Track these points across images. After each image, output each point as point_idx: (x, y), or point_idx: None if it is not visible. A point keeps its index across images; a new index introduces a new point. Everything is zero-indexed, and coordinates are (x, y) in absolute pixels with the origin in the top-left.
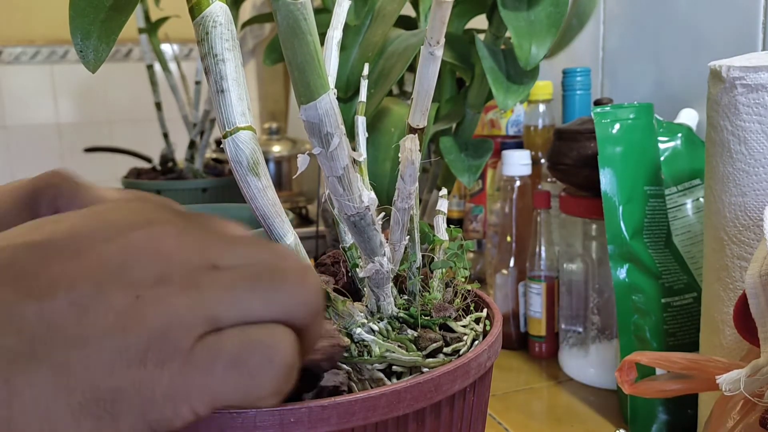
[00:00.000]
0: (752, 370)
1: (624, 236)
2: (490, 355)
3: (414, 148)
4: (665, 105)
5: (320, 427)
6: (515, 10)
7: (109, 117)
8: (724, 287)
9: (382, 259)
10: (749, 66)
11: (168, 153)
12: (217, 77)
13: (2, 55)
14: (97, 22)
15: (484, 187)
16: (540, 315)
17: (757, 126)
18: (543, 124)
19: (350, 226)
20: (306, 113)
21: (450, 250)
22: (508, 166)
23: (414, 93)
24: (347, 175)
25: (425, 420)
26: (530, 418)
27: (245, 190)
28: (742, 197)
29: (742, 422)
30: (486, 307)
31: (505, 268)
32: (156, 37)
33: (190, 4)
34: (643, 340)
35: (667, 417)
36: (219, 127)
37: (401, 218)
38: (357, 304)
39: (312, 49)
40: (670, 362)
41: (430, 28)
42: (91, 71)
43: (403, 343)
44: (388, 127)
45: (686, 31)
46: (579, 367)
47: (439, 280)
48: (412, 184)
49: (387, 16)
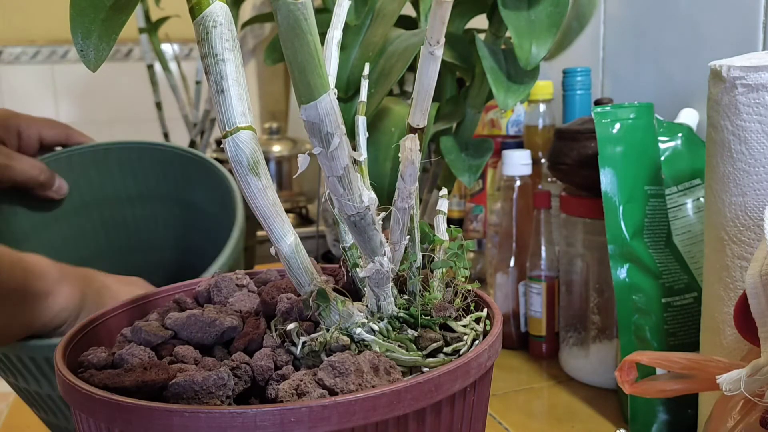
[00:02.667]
0: (752, 370)
1: (624, 236)
2: (490, 355)
3: (414, 148)
4: (666, 105)
5: (321, 427)
6: (516, 10)
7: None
8: (724, 287)
9: (382, 258)
10: (749, 66)
11: None
12: (218, 77)
13: (3, 55)
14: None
15: (484, 186)
16: (540, 315)
17: (757, 126)
18: (543, 124)
19: (350, 226)
20: (306, 113)
21: (450, 250)
22: (508, 166)
23: (414, 93)
24: (347, 175)
25: (425, 420)
26: (530, 418)
27: (245, 189)
28: (743, 197)
29: (743, 422)
30: (486, 307)
31: (505, 268)
32: (156, 36)
33: (191, 4)
34: (644, 340)
35: (668, 417)
36: (219, 126)
37: (401, 218)
38: (357, 304)
39: (312, 49)
40: (670, 362)
41: (431, 27)
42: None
43: (403, 342)
44: (388, 127)
45: (687, 31)
46: (579, 367)
47: (440, 279)
48: (412, 184)
49: (387, 16)
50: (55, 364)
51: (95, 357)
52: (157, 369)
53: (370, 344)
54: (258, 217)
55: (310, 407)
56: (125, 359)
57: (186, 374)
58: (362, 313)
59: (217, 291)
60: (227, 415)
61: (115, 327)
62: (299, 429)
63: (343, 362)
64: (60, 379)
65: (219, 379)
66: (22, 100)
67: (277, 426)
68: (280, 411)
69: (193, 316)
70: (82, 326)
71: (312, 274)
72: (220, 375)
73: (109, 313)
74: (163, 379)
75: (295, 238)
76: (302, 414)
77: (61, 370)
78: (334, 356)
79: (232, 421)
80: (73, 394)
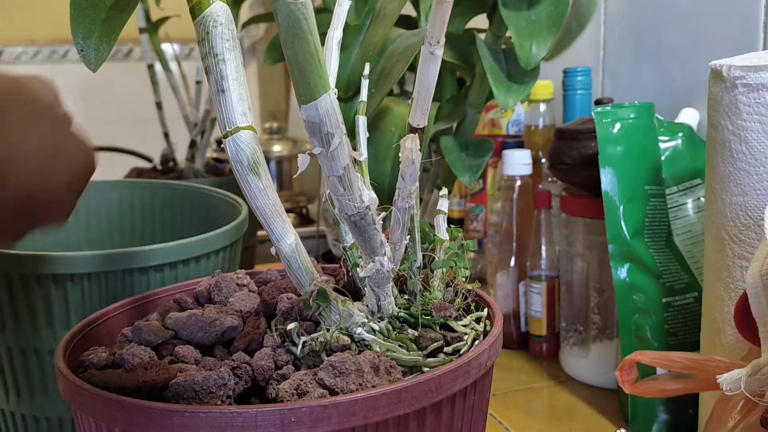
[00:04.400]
0: (753, 370)
1: (625, 236)
2: (490, 355)
3: (414, 148)
4: (666, 104)
5: (321, 427)
6: (516, 10)
7: (109, 116)
8: (724, 287)
9: (382, 258)
10: (750, 65)
11: (169, 153)
12: (218, 77)
13: (3, 54)
14: (98, 22)
15: (484, 186)
16: (541, 314)
17: (757, 125)
18: (544, 124)
19: (351, 226)
20: (307, 113)
21: (450, 250)
22: (508, 166)
23: (414, 92)
24: (348, 175)
25: (426, 419)
26: (531, 418)
27: (246, 189)
28: (743, 197)
29: (743, 422)
30: (486, 307)
31: (505, 268)
32: (157, 36)
33: (191, 3)
34: (644, 340)
35: (668, 416)
36: (220, 126)
37: (402, 218)
38: (357, 304)
39: (312, 49)
40: (670, 362)
41: (431, 27)
42: (92, 70)
43: (403, 342)
44: (388, 127)
45: (687, 31)
46: (579, 367)
47: (440, 279)
48: (412, 184)
49: (387, 16)
50: (56, 364)
51: (96, 357)
52: (158, 369)
53: (370, 344)
54: (258, 217)
55: (311, 407)
56: (126, 359)
57: (186, 374)
58: (362, 313)
59: (217, 291)
60: (227, 414)
61: (116, 327)
62: (300, 429)
63: (343, 362)
64: (60, 378)
65: (219, 379)
66: None
67: (278, 426)
68: (280, 411)
69: (193, 315)
70: (82, 326)
71: (312, 273)
72: (220, 375)
73: (109, 312)
74: (163, 378)
75: (296, 238)
76: (303, 414)
77: (62, 370)
78: (334, 356)
79: (232, 421)
80: (73, 393)
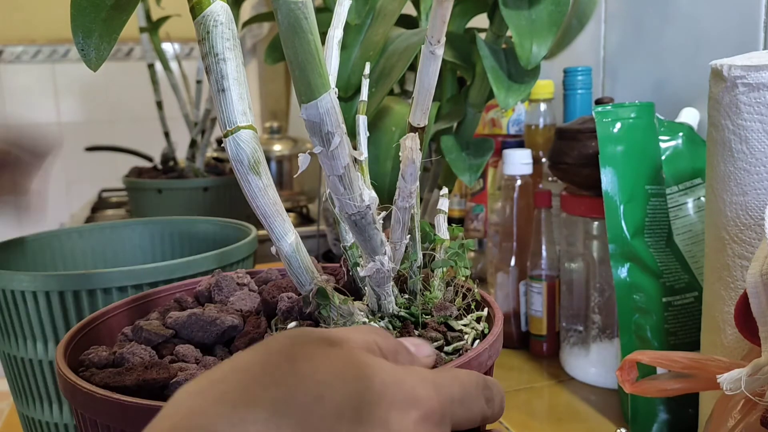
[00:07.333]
0: (753, 369)
1: (625, 235)
2: (491, 354)
3: (415, 147)
4: (666, 104)
5: None
6: (516, 9)
7: (110, 116)
8: (725, 286)
9: (382, 258)
10: (750, 65)
11: (169, 152)
12: (218, 76)
13: (4, 54)
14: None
15: (485, 186)
16: (541, 314)
17: (758, 125)
18: (544, 123)
19: (351, 225)
20: (307, 112)
21: (451, 249)
22: (509, 166)
23: (415, 92)
24: (348, 174)
25: None
26: (531, 417)
27: (246, 189)
28: (743, 196)
29: (743, 421)
30: (487, 306)
31: (506, 267)
32: (157, 36)
33: (191, 3)
34: (644, 340)
35: (668, 416)
36: (220, 126)
37: (402, 217)
38: (358, 303)
39: (313, 48)
40: (671, 361)
41: (431, 27)
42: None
43: None
44: (389, 126)
45: (687, 30)
46: (580, 366)
47: (440, 279)
48: (413, 183)
49: (388, 15)
50: (56, 363)
51: (96, 356)
52: (158, 368)
53: None
54: (259, 216)
55: None
56: (126, 358)
57: (187, 373)
58: (363, 312)
59: (217, 290)
60: None
61: (116, 326)
62: None
63: None
64: (61, 378)
65: None
66: (23, 100)
67: None
68: None
69: (194, 315)
70: (82, 325)
71: (313, 273)
72: None
73: (109, 312)
74: (164, 378)
75: (296, 238)
76: None
77: (62, 369)
78: None
79: None
80: (74, 393)
